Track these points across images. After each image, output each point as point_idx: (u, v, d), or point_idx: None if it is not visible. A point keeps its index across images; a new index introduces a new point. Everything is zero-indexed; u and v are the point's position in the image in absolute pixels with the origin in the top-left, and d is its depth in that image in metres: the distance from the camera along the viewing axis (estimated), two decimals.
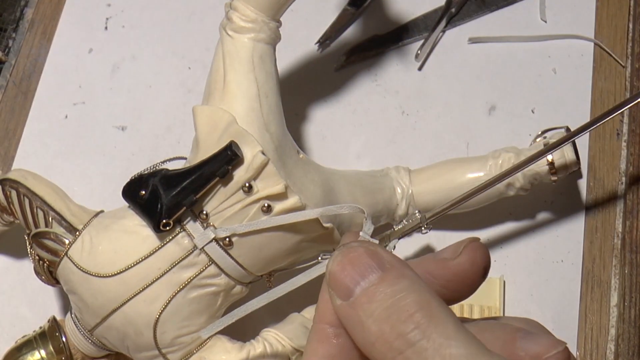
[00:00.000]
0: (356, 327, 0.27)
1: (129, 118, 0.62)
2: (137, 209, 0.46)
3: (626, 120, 0.60)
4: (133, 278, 0.46)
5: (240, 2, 0.49)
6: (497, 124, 0.61)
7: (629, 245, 0.56)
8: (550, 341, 0.28)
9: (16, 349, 0.50)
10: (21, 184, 0.50)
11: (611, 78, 0.62)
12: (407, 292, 0.27)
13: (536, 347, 0.28)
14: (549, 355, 0.27)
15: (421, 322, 0.26)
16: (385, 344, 0.26)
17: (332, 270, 0.28)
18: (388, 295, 0.27)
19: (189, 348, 0.48)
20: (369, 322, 0.27)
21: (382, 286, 0.27)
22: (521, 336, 0.28)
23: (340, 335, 0.29)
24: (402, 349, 0.26)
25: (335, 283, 0.28)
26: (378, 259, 0.28)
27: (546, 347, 0.28)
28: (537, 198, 0.58)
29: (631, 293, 0.55)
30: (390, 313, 0.26)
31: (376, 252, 0.28)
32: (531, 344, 0.28)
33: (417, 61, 0.63)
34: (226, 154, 0.45)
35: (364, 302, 0.27)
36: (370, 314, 0.27)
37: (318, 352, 0.29)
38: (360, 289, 0.27)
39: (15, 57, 0.65)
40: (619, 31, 0.63)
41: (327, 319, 0.29)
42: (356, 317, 0.27)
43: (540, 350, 0.28)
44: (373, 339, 0.26)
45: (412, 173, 0.55)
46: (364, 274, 0.27)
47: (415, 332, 0.26)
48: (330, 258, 0.29)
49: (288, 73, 0.63)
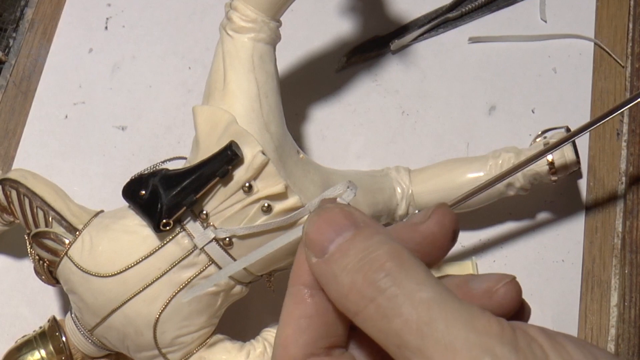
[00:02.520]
0: (330, 282, 0.28)
1: (129, 118, 0.62)
2: (137, 208, 0.46)
3: (626, 120, 0.60)
4: (133, 278, 0.46)
5: (240, 2, 0.49)
6: (497, 124, 0.61)
7: (629, 245, 0.56)
8: (498, 276, 0.30)
9: (16, 348, 0.50)
10: (21, 184, 0.50)
11: (611, 78, 0.62)
12: (379, 244, 0.28)
13: (486, 283, 0.29)
14: (499, 286, 0.29)
15: (392, 270, 0.27)
16: (357, 293, 0.27)
17: (308, 230, 0.29)
18: (361, 249, 0.28)
19: (189, 348, 0.48)
20: (343, 275, 0.27)
21: (355, 241, 0.28)
22: (471, 278, 0.30)
23: (315, 295, 0.29)
24: (373, 296, 0.27)
25: (311, 242, 0.29)
26: (352, 219, 0.29)
27: (495, 281, 0.29)
28: (537, 198, 0.58)
29: (631, 293, 0.55)
30: (363, 264, 0.27)
31: (350, 212, 0.29)
32: (481, 282, 0.30)
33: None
34: (226, 154, 0.45)
35: (337, 257, 0.28)
36: (344, 267, 0.28)
37: (294, 313, 0.29)
38: (334, 245, 0.28)
39: (15, 57, 0.65)
40: (619, 31, 0.63)
41: (302, 280, 0.30)
42: (330, 271, 0.28)
43: (490, 284, 0.29)
44: (346, 291, 0.27)
45: (412, 173, 0.55)
46: (338, 231, 0.28)
47: (386, 279, 0.27)
48: (306, 219, 0.30)
49: (288, 73, 0.63)
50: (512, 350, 0.25)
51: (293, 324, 0.29)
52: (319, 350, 0.29)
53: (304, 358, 0.29)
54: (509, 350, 0.25)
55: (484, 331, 0.25)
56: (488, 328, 0.25)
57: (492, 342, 0.25)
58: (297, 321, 0.29)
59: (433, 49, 0.64)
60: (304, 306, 0.29)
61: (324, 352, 0.29)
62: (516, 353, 0.25)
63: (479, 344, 0.25)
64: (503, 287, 0.29)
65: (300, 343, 0.29)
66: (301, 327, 0.29)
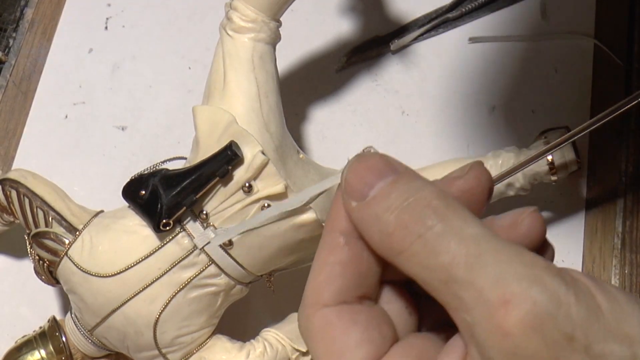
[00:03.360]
0: (372, 223, 0.28)
1: (129, 118, 0.62)
2: (137, 208, 0.46)
3: (626, 120, 0.60)
4: (133, 278, 0.46)
5: (240, 2, 0.49)
6: (497, 124, 0.61)
7: (629, 245, 0.56)
8: (520, 210, 0.30)
9: (16, 349, 0.50)
10: (21, 184, 0.50)
11: (611, 78, 0.62)
12: (423, 186, 0.28)
13: (510, 217, 0.30)
14: (523, 216, 0.29)
15: (439, 207, 0.27)
16: (403, 230, 0.27)
17: (347, 176, 0.29)
18: (404, 190, 0.28)
19: (189, 348, 0.48)
20: (386, 214, 0.27)
21: (398, 184, 0.28)
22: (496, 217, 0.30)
23: (350, 243, 0.29)
24: (421, 232, 0.26)
25: (351, 187, 0.29)
26: (392, 166, 0.29)
27: (519, 214, 0.30)
28: (537, 198, 0.58)
29: (631, 293, 0.55)
30: (409, 203, 0.27)
31: (389, 159, 0.29)
32: (505, 217, 0.30)
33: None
34: (226, 153, 0.45)
35: (380, 199, 0.28)
36: (388, 207, 0.27)
37: (328, 259, 0.29)
38: (376, 189, 0.28)
39: (15, 57, 0.65)
40: (619, 31, 0.63)
41: (339, 227, 0.29)
42: (373, 213, 0.28)
43: (515, 217, 0.30)
44: (392, 229, 0.27)
45: None
46: (379, 176, 0.28)
47: (434, 216, 0.27)
48: (345, 166, 0.29)
49: (288, 73, 0.63)
50: (562, 283, 0.25)
51: (327, 270, 0.29)
52: (352, 298, 0.29)
53: (336, 304, 0.29)
54: (558, 282, 0.25)
55: (533, 264, 0.26)
56: (536, 261, 0.26)
57: (542, 274, 0.25)
58: (332, 267, 0.29)
59: (433, 49, 0.64)
60: (339, 253, 0.29)
61: (356, 300, 0.29)
62: (566, 285, 0.25)
63: (529, 275, 0.25)
64: (528, 217, 0.29)
65: (333, 289, 0.29)
66: (335, 273, 0.29)
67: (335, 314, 0.28)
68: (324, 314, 0.29)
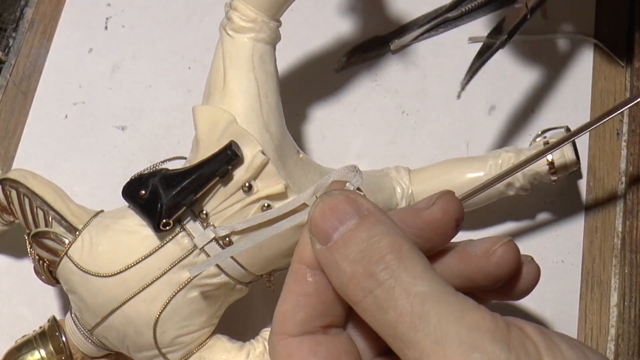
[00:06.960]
0: (333, 270, 0.29)
1: (129, 118, 0.62)
2: (137, 208, 0.46)
3: (626, 120, 0.60)
4: (133, 278, 0.46)
5: (240, 2, 0.49)
6: (497, 124, 0.61)
7: (629, 245, 0.56)
8: (495, 238, 0.31)
9: (16, 348, 0.50)
10: (21, 184, 0.50)
11: (611, 78, 0.62)
12: (381, 236, 0.28)
13: (483, 245, 0.30)
14: (496, 247, 0.30)
15: (391, 263, 0.27)
16: (357, 284, 0.28)
17: (313, 216, 0.30)
18: (363, 239, 0.28)
19: (189, 348, 0.48)
20: (344, 264, 0.28)
21: (358, 231, 0.28)
22: (470, 242, 0.31)
23: (315, 275, 0.30)
24: (371, 287, 0.27)
25: (316, 228, 0.29)
26: (357, 206, 0.29)
27: (492, 243, 0.30)
28: (537, 198, 0.58)
29: (631, 293, 0.55)
30: (364, 255, 0.28)
31: (355, 199, 0.30)
32: (479, 245, 0.30)
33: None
34: (226, 153, 0.45)
35: (340, 246, 0.28)
36: (346, 256, 0.28)
37: (293, 290, 0.30)
38: (338, 234, 0.29)
39: (15, 57, 0.65)
40: (619, 31, 0.63)
41: (305, 260, 0.30)
42: (333, 260, 0.29)
43: (488, 246, 0.30)
44: (347, 280, 0.28)
45: (412, 173, 0.55)
46: (342, 219, 0.29)
47: (385, 272, 0.27)
48: (312, 205, 0.30)
49: (288, 73, 0.63)
50: (504, 348, 0.25)
51: (291, 300, 0.30)
52: (315, 328, 0.30)
53: (300, 334, 0.29)
54: (500, 348, 0.25)
55: (476, 327, 0.26)
56: (481, 324, 0.26)
57: (484, 339, 0.25)
58: (296, 298, 0.30)
59: (433, 49, 0.64)
60: (303, 284, 0.30)
61: (320, 330, 0.30)
62: (508, 351, 0.25)
63: (470, 340, 0.25)
64: (500, 248, 0.30)
65: (297, 319, 0.30)
66: (299, 304, 0.30)
67: (297, 344, 0.29)
68: (287, 343, 0.29)
